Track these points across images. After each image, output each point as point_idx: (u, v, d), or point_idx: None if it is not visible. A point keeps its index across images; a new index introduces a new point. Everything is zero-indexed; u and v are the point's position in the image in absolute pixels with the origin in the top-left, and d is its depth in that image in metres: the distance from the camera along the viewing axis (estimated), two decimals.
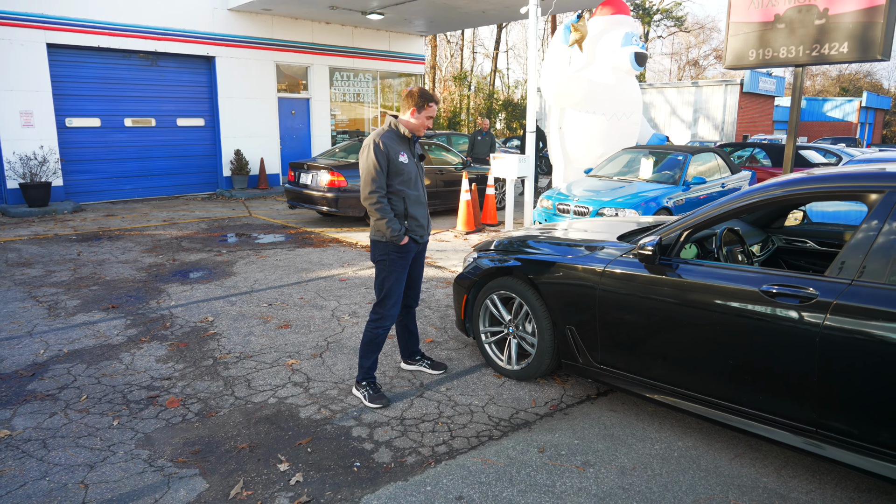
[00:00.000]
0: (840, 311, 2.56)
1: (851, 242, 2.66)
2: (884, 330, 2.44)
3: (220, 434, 3.33)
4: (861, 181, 2.77)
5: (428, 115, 3.67)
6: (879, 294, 2.49)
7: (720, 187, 8.77)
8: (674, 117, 31.79)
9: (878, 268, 2.54)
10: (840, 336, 2.55)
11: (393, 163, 3.55)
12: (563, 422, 3.49)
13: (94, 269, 6.90)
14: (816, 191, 2.89)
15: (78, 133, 11.69)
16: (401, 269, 3.69)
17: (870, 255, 2.58)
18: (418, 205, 3.71)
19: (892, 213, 2.59)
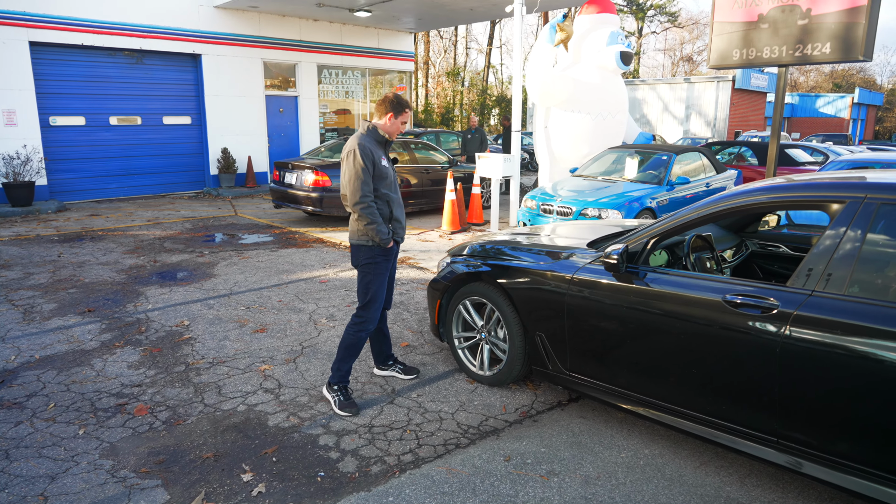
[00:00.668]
0: (800, 322, 2.55)
1: (813, 252, 2.66)
2: (841, 342, 2.43)
3: (186, 443, 3.31)
4: (823, 191, 2.76)
5: (403, 120, 3.71)
6: (838, 306, 2.49)
7: (705, 187, 8.77)
8: (666, 114, 31.80)
9: (838, 279, 2.54)
10: (800, 347, 2.54)
11: (377, 166, 3.58)
12: (532, 429, 3.48)
13: (74, 271, 6.85)
14: (777, 200, 2.88)
15: (62, 132, 11.60)
16: (385, 272, 3.74)
17: (830, 266, 2.58)
18: (399, 207, 3.78)
19: (853, 224, 2.58)
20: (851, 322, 2.43)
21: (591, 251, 3.49)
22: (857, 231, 2.56)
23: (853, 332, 2.41)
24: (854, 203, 2.62)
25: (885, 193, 2.57)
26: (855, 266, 2.52)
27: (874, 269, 2.49)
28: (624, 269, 3.14)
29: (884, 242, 2.52)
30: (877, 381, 2.36)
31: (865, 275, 2.49)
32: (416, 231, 9.36)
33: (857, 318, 2.42)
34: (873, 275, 2.48)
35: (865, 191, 2.62)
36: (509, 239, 4.17)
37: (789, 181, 2.95)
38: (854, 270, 2.51)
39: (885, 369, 2.33)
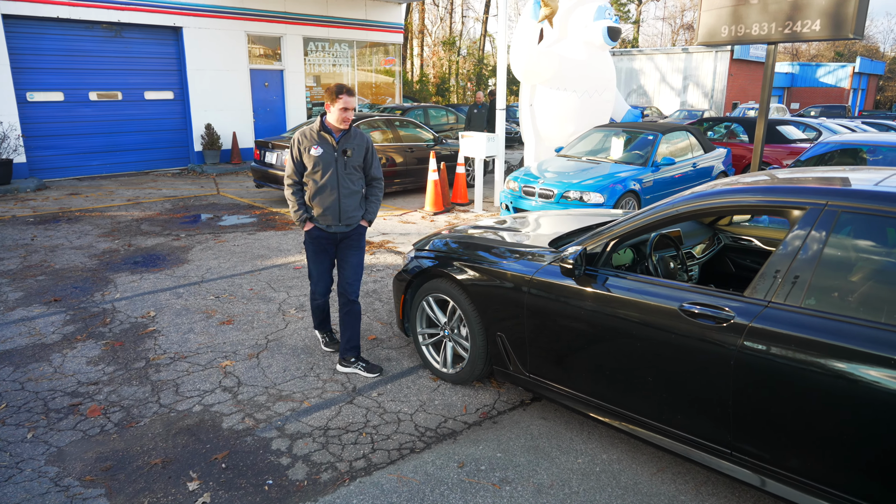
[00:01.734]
0: (754, 335, 2.46)
1: (772, 260, 2.55)
2: (795, 358, 2.34)
3: (136, 447, 3.24)
4: (783, 196, 2.63)
5: (342, 106, 3.75)
6: (793, 319, 2.39)
7: (691, 167, 8.62)
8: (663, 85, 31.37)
9: (796, 290, 2.44)
10: (754, 361, 2.45)
11: (304, 156, 3.84)
12: (491, 431, 3.42)
13: (45, 255, 6.74)
14: (733, 205, 2.76)
15: (41, 108, 11.36)
16: (314, 252, 4.05)
17: (788, 276, 2.47)
18: (322, 193, 3.87)
19: (812, 232, 2.47)
20: (805, 337, 2.33)
21: (550, 251, 3.38)
22: (816, 240, 2.45)
23: (807, 348, 2.32)
24: (815, 210, 2.50)
25: (847, 200, 2.45)
26: (813, 277, 2.41)
27: (832, 282, 2.39)
28: (581, 273, 3.03)
29: (843, 253, 2.41)
30: (829, 399, 2.28)
31: (823, 287, 2.39)
32: (399, 212, 9.23)
33: (811, 333, 2.33)
34: (831, 287, 2.38)
35: (827, 197, 2.50)
36: (473, 233, 4.05)
37: (748, 185, 2.82)
38: (811, 282, 2.41)
39: (837, 387, 2.25)
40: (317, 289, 4.19)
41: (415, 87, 38.39)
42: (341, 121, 3.77)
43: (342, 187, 3.86)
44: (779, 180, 2.86)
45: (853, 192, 2.47)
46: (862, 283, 2.35)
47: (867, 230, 2.40)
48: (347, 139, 3.87)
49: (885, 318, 2.22)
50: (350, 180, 3.90)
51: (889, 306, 2.24)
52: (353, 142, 3.88)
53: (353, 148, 3.88)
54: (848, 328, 2.27)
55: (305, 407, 3.67)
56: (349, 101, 3.73)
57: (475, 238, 3.94)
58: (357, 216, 3.98)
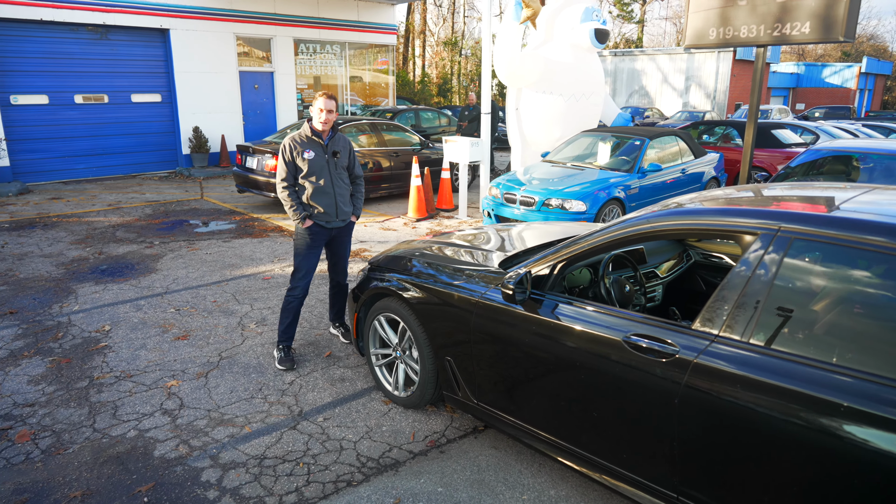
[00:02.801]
0: (699, 372, 2.26)
1: (720, 291, 2.34)
2: (740, 399, 2.14)
3: (58, 478, 3.07)
4: (733, 218, 2.43)
5: (320, 107, 4.07)
6: (739, 357, 2.19)
7: (679, 173, 8.40)
8: (665, 85, 31.03)
9: (743, 324, 2.23)
10: (698, 400, 2.25)
11: (297, 160, 4.13)
12: (436, 462, 3.23)
13: (12, 264, 6.59)
14: (680, 228, 2.55)
15: (25, 111, 11.24)
16: (307, 248, 4.25)
17: (736, 308, 2.27)
18: (320, 194, 4.18)
19: (763, 260, 2.26)
20: (751, 377, 2.13)
21: (498, 272, 3.18)
22: (766, 269, 2.25)
23: (753, 389, 2.12)
24: (766, 236, 2.30)
25: (800, 225, 2.24)
26: (762, 311, 2.21)
27: (782, 317, 2.18)
28: (524, 298, 2.83)
29: (796, 285, 2.21)
30: (776, 445, 2.07)
31: (772, 322, 2.18)
32: (382, 218, 9.04)
33: (757, 373, 2.12)
34: (781, 323, 2.17)
35: (779, 221, 2.30)
36: (426, 250, 3.86)
37: (697, 206, 2.61)
38: (760, 316, 2.21)
39: (784, 433, 2.04)
40: (299, 285, 4.27)
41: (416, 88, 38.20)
42: (325, 123, 4.10)
43: (336, 186, 4.24)
44: (730, 201, 2.65)
45: (807, 217, 2.27)
46: (813, 319, 2.14)
47: (822, 259, 2.19)
48: (334, 142, 4.23)
49: (836, 359, 2.02)
50: (341, 179, 4.29)
51: (840, 346, 2.03)
52: (339, 144, 4.26)
53: (340, 150, 4.27)
54: (796, 369, 2.06)
55: (245, 433, 3.48)
56: (328, 103, 4.06)
57: (427, 255, 3.75)
58: (349, 211, 4.37)
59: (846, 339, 2.05)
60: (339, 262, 4.52)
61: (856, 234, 2.11)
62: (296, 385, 4.04)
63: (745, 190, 3.02)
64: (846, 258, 2.15)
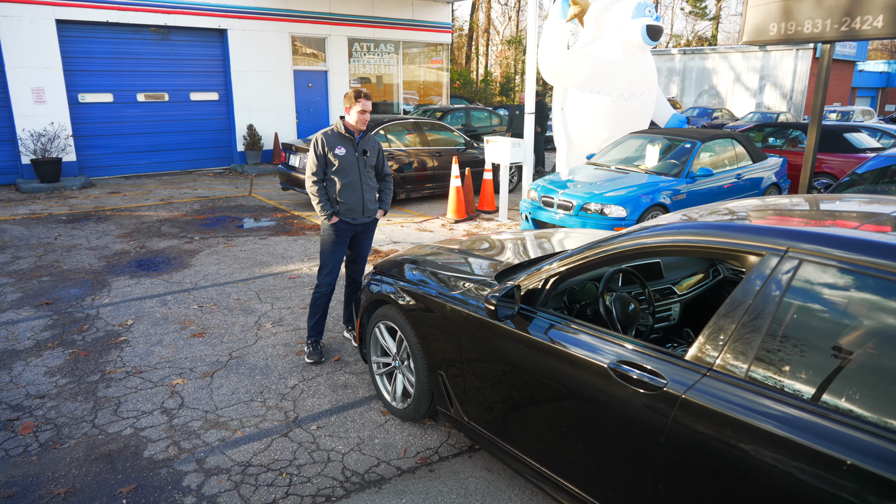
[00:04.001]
0: (687, 409, 2.00)
1: (717, 319, 2.07)
2: (730, 442, 1.87)
3: (48, 473, 3.10)
4: (734, 235, 2.13)
5: (360, 110, 4.09)
6: (733, 394, 1.91)
7: (735, 179, 7.86)
8: (738, 85, 29.56)
9: (740, 357, 1.96)
10: (685, 439, 1.99)
11: (329, 156, 4.16)
12: (423, 482, 3.06)
13: (59, 255, 6.87)
14: (673, 245, 2.27)
15: (91, 108, 11.80)
16: (334, 244, 4.29)
17: (733, 339, 1.99)
18: (348, 190, 4.21)
19: (766, 285, 1.98)
20: (743, 419, 1.85)
21: (493, 284, 2.98)
22: (770, 295, 1.96)
23: (744, 434, 1.84)
24: (772, 257, 2.00)
25: (812, 246, 1.94)
26: (761, 343, 1.92)
27: (784, 351, 1.89)
28: (508, 314, 2.61)
29: (802, 316, 1.91)
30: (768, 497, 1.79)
31: (773, 357, 1.90)
32: (420, 218, 8.93)
33: (751, 415, 1.85)
34: (782, 358, 1.88)
35: (788, 240, 2.00)
36: (429, 256, 3.69)
37: (697, 222, 2.33)
38: (759, 349, 1.92)
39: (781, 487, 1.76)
40: (325, 281, 4.34)
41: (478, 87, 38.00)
42: (360, 122, 4.13)
43: (364, 184, 4.28)
44: (737, 216, 2.35)
45: (822, 237, 1.96)
46: (818, 357, 1.84)
47: (835, 287, 1.88)
48: (365, 141, 4.28)
49: (845, 406, 1.72)
50: (369, 177, 4.33)
51: (851, 392, 1.73)
52: (369, 143, 4.31)
53: (370, 149, 4.31)
54: (793, 416, 1.77)
55: (237, 437, 3.43)
56: (366, 104, 4.10)
57: (429, 261, 3.58)
58: (374, 209, 4.42)
59: (858, 385, 1.74)
60: (359, 259, 4.54)
61: (879, 260, 1.80)
62: (297, 389, 3.97)
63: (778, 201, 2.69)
64: (867, 287, 1.83)
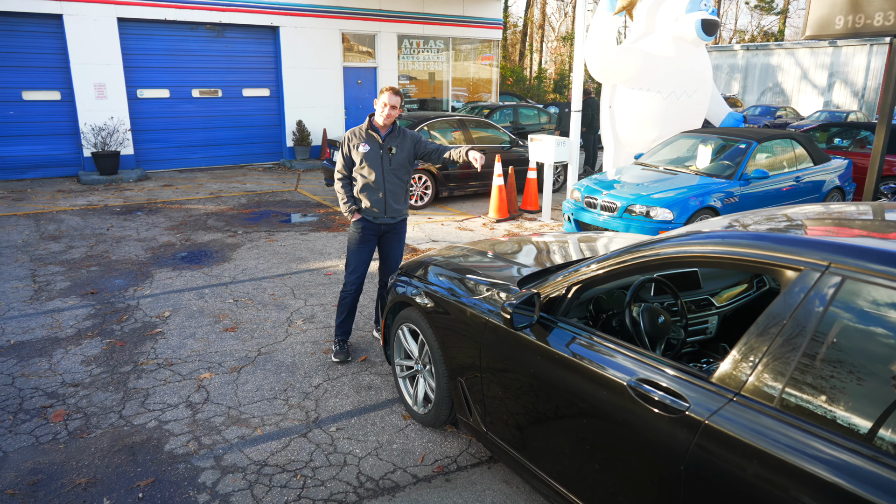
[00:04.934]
0: (710, 436, 1.83)
1: (747, 338, 1.88)
2: (755, 475, 1.69)
3: (73, 462, 3.15)
4: (773, 246, 1.93)
5: (382, 104, 4.02)
6: (761, 423, 1.74)
7: (793, 182, 7.42)
8: (804, 82, 28.16)
9: (771, 382, 1.77)
10: (707, 468, 1.83)
11: (352, 153, 4.13)
12: (438, 492, 2.96)
13: (109, 246, 7.11)
14: (710, 256, 2.08)
15: (148, 104, 12.21)
16: (358, 242, 4.23)
17: (764, 362, 1.81)
18: (369, 189, 4.14)
19: (804, 303, 1.78)
20: (770, 452, 1.68)
21: (513, 290, 2.85)
22: (807, 316, 1.76)
23: (771, 468, 1.66)
24: (811, 272, 1.81)
25: (858, 261, 1.73)
26: (795, 368, 1.74)
27: (822, 378, 1.69)
28: (525, 324, 2.48)
29: (843, 340, 1.71)
30: None
31: (808, 384, 1.71)
32: (461, 217, 8.83)
33: (779, 448, 1.67)
34: (819, 386, 1.69)
35: (830, 255, 1.80)
36: (456, 258, 3.58)
37: (728, 231, 2.13)
38: (793, 374, 1.73)
39: None
40: (350, 279, 4.28)
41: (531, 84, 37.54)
42: (386, 118, 4.03)
43: (387, 182, 4.15)
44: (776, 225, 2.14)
45: (869, 251, 1.75)
46: (860, 388, 1.64)
47: (884, 307, 1.68)
48: (393, 137, 4.14)
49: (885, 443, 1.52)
50: (395, 176, 4.17)
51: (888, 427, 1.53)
52: (397, 140, 4.15)
53: (398, 146, 4.14)
54: (828, 450, 1.58)
55: (256, 435, 3.42)
56: (392, 98, 4.00)
57: (453, 264, 3.47)
58: (401, 209, 4.26)
59: None
60: (389, 260, 4.41)
61: None
62: (321, 389, 3.94)
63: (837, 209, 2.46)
64: None
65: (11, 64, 10.87)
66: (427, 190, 9.30)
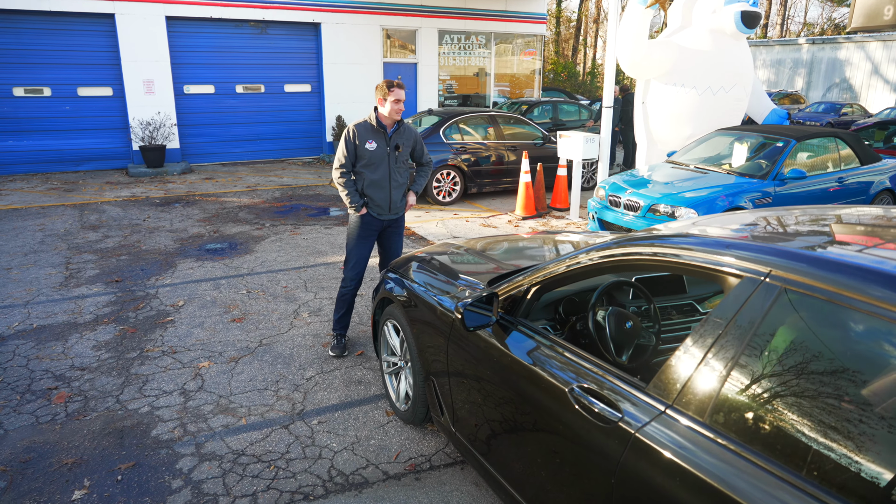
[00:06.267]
0: (638, 450, 1.74)
1: (683, 348, 1.78)
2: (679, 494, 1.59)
3: (65, 443, 3.29)
4: (716, 252, 1.81)
5: (394, 99, 4.01)
6: (689, 439, 1.63)
7: (835, 183, 7.01)
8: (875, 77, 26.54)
9: (701, 396, 1.66)
10: (637, 483, 1.73)
11: (359, 148, 4.10)
12: (405, 490, 2.94)
13: (142, 236, 7.39)
14: (652, 260, 1.97)
15: (194, 99, 12.63)
16: (359, 237, 4.27)
17: (698, 374, 1.70)
18: (376, 187, 4.16)
19: (740, 315, 1.66)
20: (694, 472, 1.57)
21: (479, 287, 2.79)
22: (743, 327, 1.65)
23: (695, 491, 1.56)
24: (750, 281, 1.68)
25: (801, 270, 1.60)
26: (727, 382, 1.62)
27: (753, 396, 1.58)
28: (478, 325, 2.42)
29: (779, 355, 1.58)
30: None
31: (739, 401, 1.59)
32: (487, 214, 8.75)
33: (703, 467, 1.56)
34: (749, 403, 1.57)
35: (771, 262, 1.67)
36: (441, 256, 3.55)
37: (673, 233, 2.01)
38: (724, 389, 1.62)
39: None
40: (350, 274, 4.32)
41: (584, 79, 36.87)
42: (395, 112, 4.04)
43: (393, 181, 4.20)
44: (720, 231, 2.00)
45: (814, 259, 1.61)
46: (794, 409, 1.51)
47: (825, 322, 1.54)
48: (399, 135, 4.18)
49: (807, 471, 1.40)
50: (399, 173, 4.24)
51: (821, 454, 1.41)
52: (402, 137, 4.20)
53: (403, 143, 4.20)
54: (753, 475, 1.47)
55: (240, 425, 3.48)
56: (400, 93, 4.00)
57: (437, 260, 3.43)
58: (402, 205, 4.36)
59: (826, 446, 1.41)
60: (390, 255, 4.46)
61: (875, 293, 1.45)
62: (312, 381, 3.98)
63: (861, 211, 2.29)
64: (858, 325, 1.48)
65: (68, 61, 11.44)
66: (455, 186, 9.26)
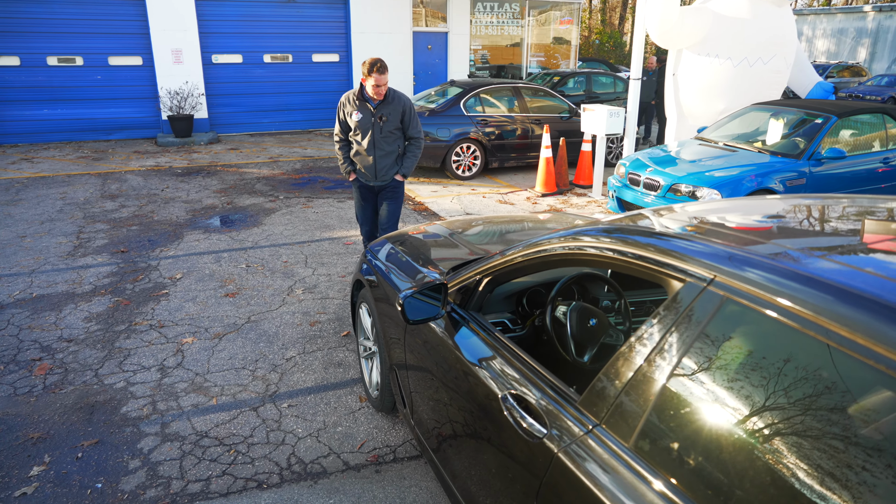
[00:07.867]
0: (560, 471, 1.54)
1: (614, 361, 1.55)
2: None
3: (35, 416, 3.29)
4: (663, 252, 1.57)
5: (373, 84, 4.19)
6: (609, 465, 1.43)
7: (879, 164, 6.47)
8: None
9: (630, 417, 1.45)
10: None
11: (347, 118, 4.42)
12: (361, 483, 2.82)
13: (157, 206, 7.43)
14: (597, 255, 1.74)
15: (222, 69, 12.62)
16: (357, 200, 4.74)
17: (628, 390, 1.48)
18: (360, 155, 4.48)
19: (679, 323, 1.43)
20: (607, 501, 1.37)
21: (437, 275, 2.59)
22: (680, 338, 1.42)
23: None
24: (691, 287, 1.44)
25: (747, 276, 1.35)
26: (656, 404, 1.40)
27: (682, 420, 1.35)
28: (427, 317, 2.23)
29: (718, 374, 1.35)
30: None
31: (666, 425, 1.37)
32: (506, 190, 8.47)
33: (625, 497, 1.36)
34: (677, 429, 1.35)
35: (716, 266, 1.42)
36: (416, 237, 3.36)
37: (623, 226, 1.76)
38: (652, 412, 1.40)
39: None
40: (363, 230, 4.88)
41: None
42: (374, 93, 4.24)
43: (378, 149, 4.42)
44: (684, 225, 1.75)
45: (767, 266, 1.36)
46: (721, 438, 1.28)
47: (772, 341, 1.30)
48: (384, 105, 4.32)
49: None
50: (386, 142, 4.42)
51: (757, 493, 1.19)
52: (388, 107, 4.32)
53: (389, 113, 4.34)
54: None
55: (210, 405, 3.41)
56: (380, 78, 4.18)
57: (411, 243, 3.25)
58: (392, 172, 4.54)
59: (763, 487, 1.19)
60: (380, 217, 4.75)
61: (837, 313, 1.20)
62: (292, 362, 3.88)
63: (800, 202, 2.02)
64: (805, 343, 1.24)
65: (99, 31, 11.53)
66: (476, 160, 9.00)
